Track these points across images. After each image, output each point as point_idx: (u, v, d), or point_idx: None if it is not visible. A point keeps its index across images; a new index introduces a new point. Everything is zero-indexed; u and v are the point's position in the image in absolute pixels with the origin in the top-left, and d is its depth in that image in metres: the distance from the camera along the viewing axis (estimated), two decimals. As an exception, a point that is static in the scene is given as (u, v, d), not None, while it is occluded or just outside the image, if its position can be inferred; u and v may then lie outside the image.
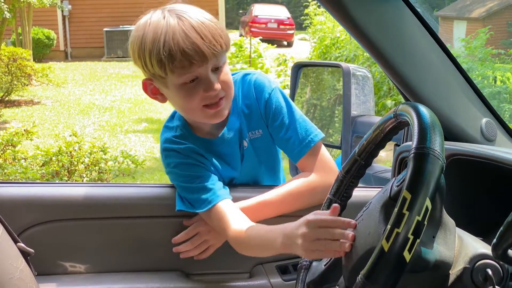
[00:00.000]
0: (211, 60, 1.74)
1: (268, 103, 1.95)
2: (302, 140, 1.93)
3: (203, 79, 1.76)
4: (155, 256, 1.98)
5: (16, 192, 1.96)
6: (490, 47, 9.64)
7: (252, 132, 1.98)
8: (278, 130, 1.95)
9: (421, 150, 1.11)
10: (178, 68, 1.72)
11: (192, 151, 1.91)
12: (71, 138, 5.73)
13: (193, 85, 1.77)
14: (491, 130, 1.82)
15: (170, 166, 1.92)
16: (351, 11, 1.64)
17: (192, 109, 1.82)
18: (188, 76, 1.74)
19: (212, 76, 1.77)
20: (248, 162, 1.99)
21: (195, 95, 1.77)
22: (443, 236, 1.22)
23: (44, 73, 13.05)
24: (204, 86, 1.77)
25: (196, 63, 1.72)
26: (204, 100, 1.79)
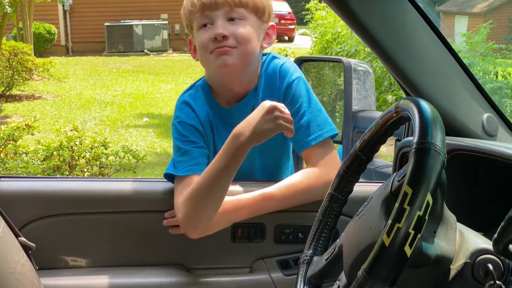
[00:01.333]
0: (223, 7, 1.87)
1: (289, 88, 1.96)
2: (313, 132, 1.93)
3: (214, 25, 1.88)
4: (156, 250, 1.98)
5: (18, 186, 1.96)
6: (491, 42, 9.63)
7: None
8: (292, 117, 1.91)
9: (422, 145, 1.11)
10: (196, 12, 1.89)
11: (203, 114, 1.97)
12: (72, 132, 5.73)
13: (205, 29, 1.89)
14: (492, 125, 1.82)
15: (177, 120, 1.98)
16: (352, 5, 1.64)
17: (203, 56, 1.92)
18: (202, 19, 1.90)
19: (223, 23, 1.87)
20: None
21: (205, 37, 1.89)
22: (444, 231, 1.22)
23: (45, 67, 13.06)
24: (213, 30, 1.87)
25: (208, 5, 1.87)
26: (211, 44, 1.87)
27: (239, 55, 1.89)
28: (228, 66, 1.88)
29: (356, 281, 1.11)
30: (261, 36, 1.97)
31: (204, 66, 1.97)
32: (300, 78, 1.99)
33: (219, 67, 1.89)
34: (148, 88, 14.05)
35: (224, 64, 1.88)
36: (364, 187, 1.90)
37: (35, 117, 6.37)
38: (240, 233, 1.98)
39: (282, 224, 1.98)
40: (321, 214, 1.52)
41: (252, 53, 1.92)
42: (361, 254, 1.24)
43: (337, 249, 1.40)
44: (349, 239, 1.36)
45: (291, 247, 1.99)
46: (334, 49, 12.68)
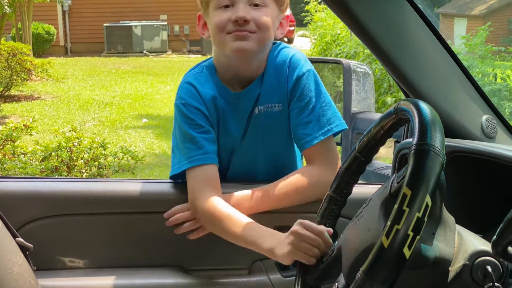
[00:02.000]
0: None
1: (299, 81, 1.93)
2: (321, 127, 1.90)
3: (236, 6, 1.85)
4: (155, 252, 1.98)
5: (15, 187, 1.96)
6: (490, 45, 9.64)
7: (271, 104, 1.96)
8: (300, 112, 1.92)
9: (421, 146, 1.11)
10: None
11: (208, 96, 1.94)
12: (71, 133, 5.72)
13: (225, 10, 1.86)
14: (491, 127, 1.82)
15: (181, 101, 1.95)
16: (352, 7, 1.64)
17: (219, 36, 1.88)
18: (220, 1, 1.86)
19: (245, 7, 1.85)
20: (252, 131, 1.97)
21: (224, 18, 1.85)
22: (443, 233, 1.22)
23: (43, 68, 13.04)
24: (234, 12, 1.84)
25: None
26: (231, 26, 1.85)
27: (257, 41, 1.87)
28: (244, 51, 1.87)
29: (355, 283, 1.11)
30: (276, 24, 1.96)
31: (217, 45, 1.93)
32: (310, 71, 1.96)
33: (235, 50, 1.87)
34: (147, 89, 14.04)
35: (241, 48, 1.86)
36: (363, 188, 1.89)
37: (34, 117, 6.35)
38: (239, 234, 1.98)
39: (281, 226, 1.97)
40: (320, 216, 1.52)
41: (268, 40, 1.92)
42: (360, 256, 1.23)
43: (336, 251, 1.40)
44: (348, 241, 1.36)
45: (290, 249, 1.98)
46: (333, 50, 12.68)
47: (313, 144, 1.89)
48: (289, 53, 1.99)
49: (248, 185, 1.95)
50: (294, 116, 1.94)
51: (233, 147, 1.97)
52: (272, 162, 2.02)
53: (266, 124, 1.97)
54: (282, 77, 1.96)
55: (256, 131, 1.97)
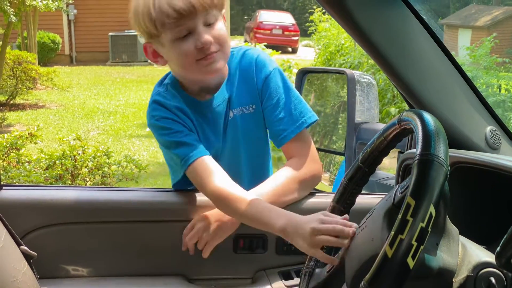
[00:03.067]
0: (201, 13, 1.79)
1: (267, 81, 1.97)
2: (295, 121, 1.95)
3: (194, 33, 1.81)
4: (158, 261, 1.98)
5: (20, 195, 1.96)
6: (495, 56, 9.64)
7: (245, 107, 1.99)
8: (273, 109, 1.96)
9: (425, 157, 1.11)
10: (169, 22, 1.78)
11: (179, 109, 1.94)
12: (75, 142, 5.73)
13: (185, 39, 1.81)
14: (495, 138, 1.81)
15: (154, 119, 1.94)
16: (356, 17, 1.64)
17: (188, 64, 1.85)
18: (180, 29, 1.80)
19: (204, 30, 1.81)
20: (230, 135, 1.99)
21: (188, 49, 1.81)
22: (446, 244, 1.22)
23: (49, 77, 13.09)
24: (196, 39, 1.81)
25: (186, 15, 1.77)
26: (198, 53, 1.82)
27: (223, 57, 1.88)
28: (217, 71, 1.89)
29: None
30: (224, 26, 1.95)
31: (185, 72, 1.93)
32: (276, 69, 2.00)
33: (208, 73, 1.88)
34: (151, 98, 14.05)
35: (214, 70, 1.87)
36: (366, 199, 1.89)
37: (38, 126, 6.37)
38: (242, 244, 1.98)
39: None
40: (324, 226, 1.52)
41: (229, 50, 1.94)
42: (364, 266, 1.23)
43: (340, 261, 1.40)
44: (351, 251, 1.36)
45: (293, 258, 1.98)
46: (337, 60, 12.70)
47: (290, 138, 1.95)
48: (253, 55, 2.01)
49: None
50: (267, 114, 1.99)
51: (216, 154, 1.97)
52: (254, 162, 2.06)
53: (243, 126, 2.00)
54: (251, 80, 1.99)
55: (234, 135, 2.00)
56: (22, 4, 11.99)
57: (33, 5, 12.32)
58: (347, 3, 1.64)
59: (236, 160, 2.02)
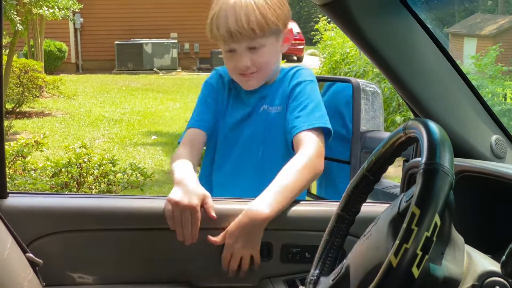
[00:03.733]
0: (243, 40, 2.06)
1: (296, 86, 2.15)
2: (310, 120, 2.06)
3: (236, 53, 2.11)
4: (163, 268, 1.98)
5: (26, 202, 1.97)
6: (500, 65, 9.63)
7: (274, 107, 2.18)
8: (294, 109, 2.11)
9: (430, 165, 1.11)
10: (219, 39, 2.12)
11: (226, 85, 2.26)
12: (81, 149, 5.75)
13: (231, 54, 2.13)
14: (501, 147, 1.81)
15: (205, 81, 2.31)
16: (361, 26, 1.65)
17: (230, 71, 2.20)
18: (226, 47, 2.12)
19: (245, 53, 2.10)
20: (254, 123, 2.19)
21: (231, 63, 2.15)
22: (452, 253, 1.21)
23: (55, 85, 13.14)
24: (235, 59, 2.12)
25: (230, 38, 2.07)
26: (238, 69, 2.13)
27: (259, 79, 2.17)
28: (252, 87, 2.19)
29: (363, 302, 1.11)
30: (279, 46, 2.18)
31: (230, 74, 2.23)
32: (311, 81, 2.17)
33: (245, 87, 2.20)
34: (156, 107, 14.09)
35: (249, 86, 2.19)
36: (371, 207, 1.89)
37: (44, 133, 6.40)
38: (247, 252, 1.98)
39: (289, 244, 1.97)
40: (328, 234, 1.52)
41: (270, 72, 2.19)
42: (368, 275, 1.23)
43: (344, 270, 1.40)
44: (356, 259, 1.36)
45: (298, 267, 1.98)
46: (342, 69, 12.71)
47: (300, 130, 2.04)
48: (298, 67, 2.24)
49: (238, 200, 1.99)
50: (288, 114, 2.13)
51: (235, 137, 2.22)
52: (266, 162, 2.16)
53: (268, 121, 2.17)
54: (286, 83, 2.18)
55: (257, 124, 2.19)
56: (29, 13, 12.04)
57: (40, 13, 12.38)
58: (352, 12, 1.64)
59: (251, 153, 2.17)
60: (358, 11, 1.66)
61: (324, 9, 1.75)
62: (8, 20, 10.32)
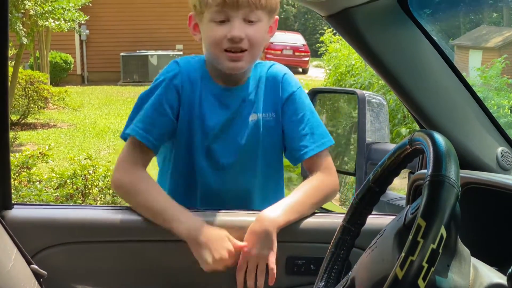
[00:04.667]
0: (243, 8, 1.85)
1: (291, 97, 2.04)
2: (317, 140, 2.02)
3: (231, 23, 1.87)
4: (168, 280, 1.97)
5: (30, 214, 1.97)
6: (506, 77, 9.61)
7: (266, 113, 2.05)
8: (297, 124, 2.02)
9: (436, 177, 1.11)
10: (215, 6, 1.86)
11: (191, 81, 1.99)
12: (86, 161, 5.75)
13: (222, 25, 1.88)
14: (507, 159, 1.81)
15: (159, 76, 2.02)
16: (367, 38, 1.65)
17: (215, 47, 1.91)
18: (219, 15, 1.87)
19: (241, 25, 1.87)
20: (251, 136, 2.03)
21: (220, 34, 1.88)
22: (458, 265, 1.21)
23: (60, 96, 13.18)
24: (229, 30, 1.87)
25: (228, 3, 1.84)
26: (226, 43, 1.88)
27: (249, 60, 1.94)
28: (238, 69, 1.95)
29: (369, 314, 1.10)
30: (266, 35, 2.00)
31: (211, 57, 1.99)
32: (300, 88, 2.08)
33: (229, 68, 1.94)
34: (162, 118, 14.09)
35: (234, 68, 1.94)
36: (377, 219, 1.89)
37: (50, 145, 6.40)
38: (252, 264, 1.97)
39: (294, 256, 1.96)
40: (334, 246, 1.52)
41: (259, 54, 1.99)
42: (374, 287, 1.23)
43: (350, 282, 1.39)
44: (361, 272, 1.35)
45: (303, 279, 1.97)
46: (348, 81, 12.72)
47: (312, 155, 2.01)
48: (280, 72, 2.08)
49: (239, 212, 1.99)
50: (290, 129, 2.04)
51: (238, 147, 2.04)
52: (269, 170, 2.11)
53: (264, 129, 2.05)
54: (276, 95, 2.05)
55: (255, 136, 2.05)
56: (34, 25, 12.11)
57: (46, 25, 12.44)
58: (358, 24, 1.65)
59: (253, 160, 2.06)
60: (363, 22, 1.66)
61: (329, 20, 1.76)
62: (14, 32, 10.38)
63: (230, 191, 2.06)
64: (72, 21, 13.54)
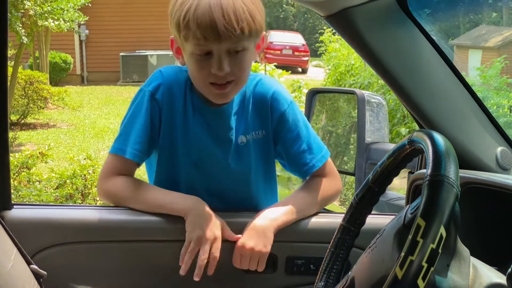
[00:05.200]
0: (226, 41, 1.71)
1: (283, 117, 1.96)
2: (317, 154, 2.00)
3: (215, 57, 1.74)
4: (167, 281, 1.97)
5: (30, 214, 1.96)
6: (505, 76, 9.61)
7: (256, 132, 1.96)
8: (294, 142, 1.98)
9: (435, 177, 1.11)
10: (192, 38, 1.72)
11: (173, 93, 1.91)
12: (86, 161, 5.76)
13: (204, 58, 1.76)
14: (506, 159, 1.81)
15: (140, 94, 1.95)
16: (366, 38, 1.65)
17: (200, 81, 1.82)
18: (201, 48, 1.74)
19: (225, 57, 1.74)
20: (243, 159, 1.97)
21: (204, 69, 1.77)
22: (457, 265, 1.21)
23: (60, 96, 13.18)
24: (214, 64, 1.75)
25: (210, 39, 1.70)
26: (211, 77, 1.77)
27: (236, 88, 1.85)
28: (226, 99, 1.88)
29: (368, 314, 1.10)
30: (253, 56, 1.87)
31: (195, 84, 1.87)
32: (291, 103, 1.98)
33: (216, 99, 1.86)
34: (161, 118, 14.08)
35: (222, 98, 1.86)
36: (376, 219, 1.89)
37: (49, 145, 6.40)
38: (252, 264, 1.97)
39: (293, 256, 1.96)
40: (333, 246, 1.52)
41: (246, 80, 1.89)
42: (374, 287, 1.23)
43: (349, 282, 1.39)
44: (361, 271, 1.35)
45: (303, 279, 1.97)
46: (347, 81, 12.73)
47: (315, 169, 2.00)
48: (270, 85, 1.98)
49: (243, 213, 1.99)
50: (288, 147, 1.99)
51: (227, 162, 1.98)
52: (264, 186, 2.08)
53: (255, 150, 1.98)
54: (265, 114, 1.95)
55: (247, 159, 1.98)
56: (34, 25, 12.11)
57: (45, 25, 12.44)
58: (357, 24, 1.65)
59: (246, 183, 2.02)
60: (362, 22, 1.66)
61: (328, 20, 1.75)
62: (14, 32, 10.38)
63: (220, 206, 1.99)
64: (71, 21, 13.55)
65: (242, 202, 2.02)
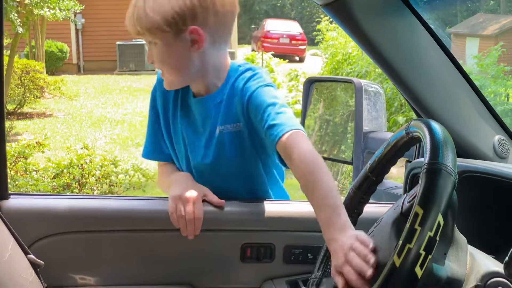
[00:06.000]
0: (139, 35, 1.86)
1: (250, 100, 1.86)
2: (287, 124, 1.75)
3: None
4: (165, 269, 1.97)
5: (27, 204, 1.96)
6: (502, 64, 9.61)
7: (231, 125, 1.90)
8: (259, 123, 1.82)
9: (433, 165, 1.11)
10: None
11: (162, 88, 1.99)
12: (83, 150, 5.75)
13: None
14: (503, 147, 1.81)
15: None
16: (364, 27, 1.65)
17: None
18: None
19: (149, 47, 1.89)
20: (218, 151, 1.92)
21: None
22: (454, 253, 1.21)
23: (56, 85, 13.14)
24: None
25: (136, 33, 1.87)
26: None
27: (169, 76, 1.90)
28: (167, 87, 1.95)
29: (366, 302, 1.10)
30: (184, 45, 1.83)
31: None
32: (260, 87, 1.86)
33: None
34: (158, 107, 14.06)
35: (166, 85, 1.94)
36: (374, 208, 1.89)
37: (46, 134, 6.39)
38: (249, 253, 1.97)
39: (291, 245, 1.97)
40: (331, 235, 1.51)
41: (177, 68, 1.88)
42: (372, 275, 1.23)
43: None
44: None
45: (301, 268, 1.98)
46: (344, 69, 12.71)
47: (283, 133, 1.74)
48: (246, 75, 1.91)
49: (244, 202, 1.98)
50: (258, 126, 1.84)
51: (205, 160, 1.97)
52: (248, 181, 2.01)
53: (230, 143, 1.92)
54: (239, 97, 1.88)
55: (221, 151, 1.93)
56: (30, 14, 12.06)
57: (41, 14, 12.39)
58: (354, 12, 1.64)
59: (226, 177, 1.98)
60: (360, 11, 1.66)
61: (326, 9, 1.75)
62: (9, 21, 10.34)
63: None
64: (67, 10, 13.47)
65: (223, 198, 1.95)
